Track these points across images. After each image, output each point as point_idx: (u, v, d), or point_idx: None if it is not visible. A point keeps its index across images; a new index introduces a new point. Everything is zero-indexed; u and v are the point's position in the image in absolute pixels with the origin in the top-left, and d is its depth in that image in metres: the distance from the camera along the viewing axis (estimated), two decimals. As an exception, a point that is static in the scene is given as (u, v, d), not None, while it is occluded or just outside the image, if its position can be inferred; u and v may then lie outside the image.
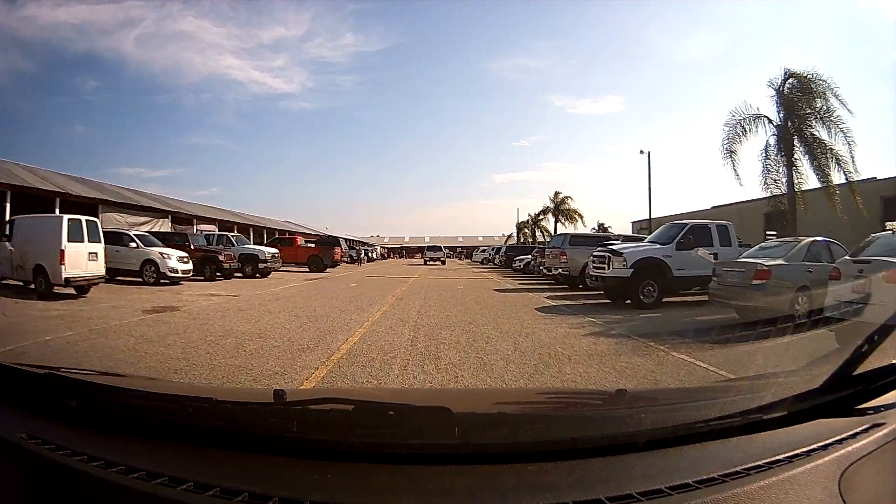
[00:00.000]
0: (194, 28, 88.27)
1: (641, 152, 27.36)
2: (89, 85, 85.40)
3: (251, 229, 33.14)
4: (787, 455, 0.79)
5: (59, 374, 1.12)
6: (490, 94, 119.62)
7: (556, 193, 40.63)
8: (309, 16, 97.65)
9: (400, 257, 70.34)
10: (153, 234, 16.81)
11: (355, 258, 35.72)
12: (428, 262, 38.04)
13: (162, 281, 13.78)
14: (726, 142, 15.61)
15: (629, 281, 10.08)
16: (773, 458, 0.78)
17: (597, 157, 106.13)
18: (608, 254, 10.58)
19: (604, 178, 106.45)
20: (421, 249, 46.68)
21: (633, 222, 37.41)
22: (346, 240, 37.56)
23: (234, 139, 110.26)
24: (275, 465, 0.79)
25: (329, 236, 33.86)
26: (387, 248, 71.55)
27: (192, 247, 16.80)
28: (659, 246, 10.73)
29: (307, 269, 23.94)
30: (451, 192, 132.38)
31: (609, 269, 10.47)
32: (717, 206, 29.91)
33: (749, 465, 0.76)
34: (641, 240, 14.04)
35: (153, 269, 13.97)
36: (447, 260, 43.28)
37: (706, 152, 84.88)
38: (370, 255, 45.03)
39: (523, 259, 25.06)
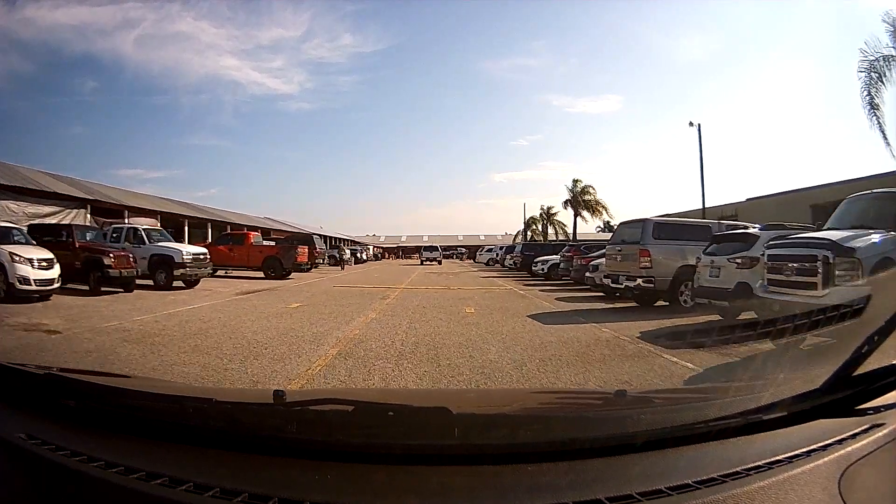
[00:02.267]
0: (193, 29, 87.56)
1: (691, 124, 22.47)
2: (88, 86, 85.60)
3: (210, 225, 27.21)
4: (787, 455, 0.78)
5: (58, 375, 1.12)
6: (488, 94, 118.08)
7: (575, 181, 34.39)
8: (307, 16, 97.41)
9: (396, 257, 64.99)
10: (37, 227, 12.60)
11: (338, 260, 29.71)
12: (424, 262, 37.40)
13: (19, 294, 9.22)
14: (866, 93, 10.08)
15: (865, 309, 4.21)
16: (772, 459, 0.77)
17: (595, 157, 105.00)
18: (823, 252, 4.68)
19: (603, 178, 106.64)
20: (418, 249, 45.26)
21: (651, 218, 33.69)
22: (324, 238, 31.30)
23: (233, 140, 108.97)
24: (275, 466, 0.78)
25: (299, 233, 27.89)
26: (381, 247, 65.85)
27: (78, 244, 11.62)
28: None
29: (263, 275, 18.05)
30: (450, 191, 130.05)
31: (825, 284, 4.58)
32: (753, 199, 25.48)
33: (749, 466, 0.75)
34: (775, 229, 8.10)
35: (2, 277, 9.46)
36: (449, 262, 41.31)
37: (707, 150, 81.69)
38: (359, 255, 39.12)
39: (547, 261, 19.06)
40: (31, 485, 0.79)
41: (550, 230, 39.74)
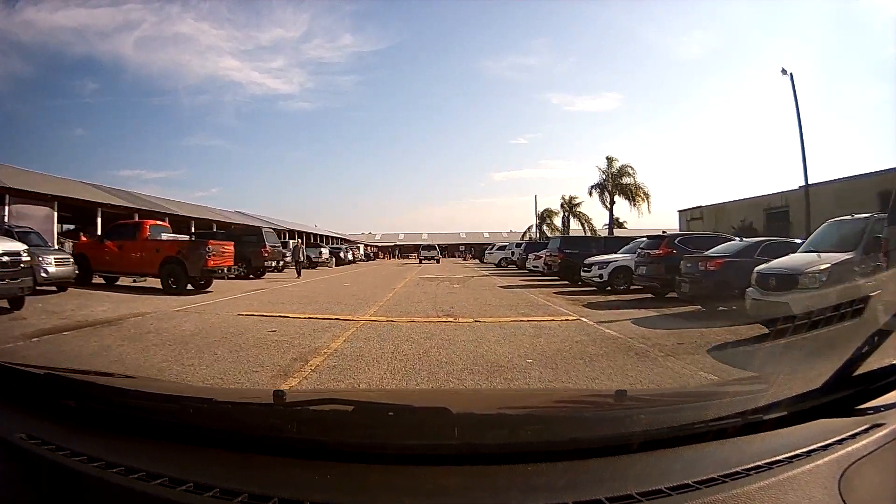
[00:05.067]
0: (193, 30, 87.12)
1: (784, 72, 17.51)
2: (88, 88, 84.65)
3: (137, 215, 20.52)
4: (787, 455, 0.77)
5: (59, 375, 1.10)
6: (488, 92, 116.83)
7: (610, 160, 27.12)
8: (307, 17, 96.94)
9: (392, 257, 58.34)
10: None
11: (296, 261, 21.24)
12: (423, 261, 36.19)
13: None
14: None
15: None
16: (773, 459, 0.76)
17: (596, 155, 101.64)
18: None
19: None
20: (417, 248, 43.09)
21: (679, 211, 28.46)
22: (277, 231, 23.50)
23: (234, 140, 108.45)
24: (275, 466, 0.78)
25: (249, 225, 21.08)
26: (377, 246, 59.27)
27: None
28: None
29: (161, 286, 11.45)
30: (451, 191, 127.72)
31: None
32: (807, 186, 20.31)
33: (749, 466, 0.74)
34: None
35: None
36: (452, 263, 38.50)
37: (706, 148, 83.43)
38: (343, 255, 32.38)
39: (607, 263, 12.25)
40: (31, 485, 0.79)
41: (574, 224, 33.00)
